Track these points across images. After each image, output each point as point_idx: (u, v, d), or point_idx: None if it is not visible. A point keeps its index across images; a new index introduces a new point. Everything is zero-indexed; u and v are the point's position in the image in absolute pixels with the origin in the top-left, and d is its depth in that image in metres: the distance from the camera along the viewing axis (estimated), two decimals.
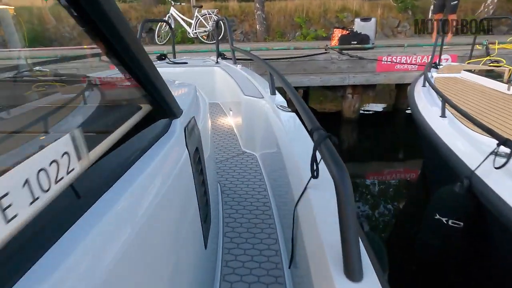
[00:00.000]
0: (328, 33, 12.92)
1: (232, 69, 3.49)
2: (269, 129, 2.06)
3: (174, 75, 3.73)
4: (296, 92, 1.56)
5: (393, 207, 4.13)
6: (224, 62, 3.96)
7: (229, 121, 3.05)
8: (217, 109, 3.51)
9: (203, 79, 3.70)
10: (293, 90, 1.53)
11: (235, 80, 2.98)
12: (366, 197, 4.34)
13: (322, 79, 5.58)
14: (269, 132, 2.06)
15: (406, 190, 4.58)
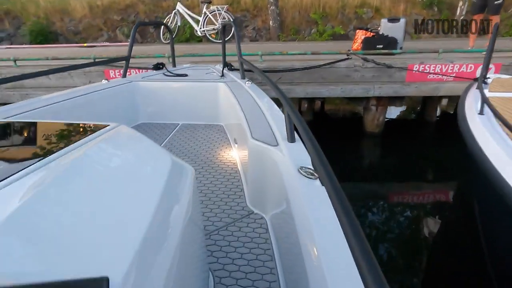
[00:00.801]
0: (346, 30, 12.16)
1: (239, 87, 2.89)
2: (282, 193, 1.49)
3: (172, 91, 3.15)
4: (314, 139, 1.13)
5: (423, 232, 3.56)
6: (230, 75, 3.36)
7: (232, 156, 2.46)
8: (220, 133, 2.93)
9: (204, 96, 3.12)
10: (311, 136, 1.11)
11: (241, 107, 2.39)
12: (390, 220, 3.78)
13: (343, 90, 4.92)
14: (284, 198, 1.48)
15: (437, 213, 3.98)
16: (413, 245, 3.45)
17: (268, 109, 2.17)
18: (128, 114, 3.09)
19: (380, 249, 3.30)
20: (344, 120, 6.32)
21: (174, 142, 2.74)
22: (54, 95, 2.54)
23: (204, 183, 2.10)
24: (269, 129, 1.83)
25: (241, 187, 2.04)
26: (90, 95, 2.67)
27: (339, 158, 5.11)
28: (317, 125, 5.93)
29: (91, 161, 0.84)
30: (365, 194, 4.39)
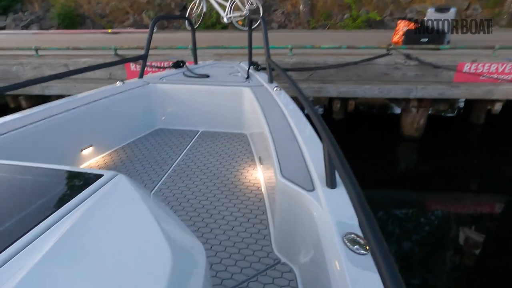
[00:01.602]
0: (382, 15, 11.37)
1: (266, 94, 2.57)
2: (319, 255, 1.21)
3: (192, 94, 2.87)
4: (360, 192, 0.92)
5: (462, 247, 3.21)
6: (257, 76, 3.03)
7: (257, 178, 2.18)
8: (243, 145, 2.65)
9: (227, 101, 2.83)
10: (357, 189, 0.93)
11: (267, 123, 2.08)
12: (424, 231, 3.45)
13: (381, 90, 4.48)
14: (321, 262, 1.20)
15: (480, 228, 3.59)
16: (449, 259, 3.10)
17: (300, 130, 1.85)
18: (144, 119, 2.86)
19: (413, 261, 3.02)
20: (380, 121, 5.85)
21: (193, 153, 2.50)
22: (70, 100, 2.35)
23: (223, 208, 1.85)
24: (302, 162, 1.52)
25: (266, 223, 1.76)
26: (106, 100, 2.46)
27: (373, 162, 4.72)
28: (349, 126, 5.53)
29: (85, 235, 0.76)
30: (398, 202, 4.04)
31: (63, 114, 2.16)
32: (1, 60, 5.25)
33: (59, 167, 0.99)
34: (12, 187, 0.91)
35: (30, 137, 1.96)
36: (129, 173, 2.20)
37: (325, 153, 1.28)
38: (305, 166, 1.48)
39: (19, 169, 1.00)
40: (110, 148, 2.54)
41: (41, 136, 2.02)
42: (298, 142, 1.72)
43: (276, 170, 1.49)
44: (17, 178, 0.96)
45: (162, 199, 1.95)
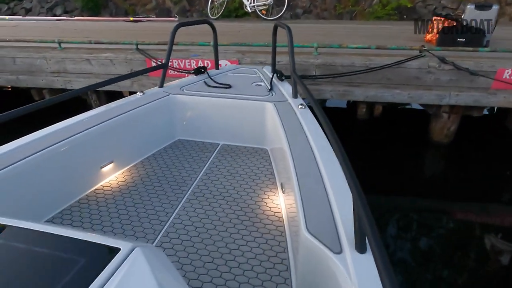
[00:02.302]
0: (413, 2, 10.78)
1: (289, 112, 2.48)
2: None
3: (213, 106, 2.80)
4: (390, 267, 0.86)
5: (487, 258, 3.10)
6: (280, 89, 2.93)
7: (278, 206, 2.12)
8: (264, 161, 2.58)
9: (249, 115, 2.75)
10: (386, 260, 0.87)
11: (290, 147, 2.01)
12: (449, 242, 3.36)
13: (411, 96, 4.26)
14: None
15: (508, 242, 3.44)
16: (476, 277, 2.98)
17: (326, 167, 1.76)
18: (164, 131, 2.84)
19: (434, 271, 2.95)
20: (406, 124, 5.61)
21: (213, 172, 2.46)
22: (90, 115, 2.34)
23: (243, 242, 1.80)
24: (328, 213, 1.44)
25: (287, 263, 1.71)
26: (126, 115, 2.44)
27: (398, 167, 4.56)
28: (373, 128, 5.34)
29: None
30: (423, 210, 3.90)
31: (83, 132, 2.15)
32: (25, 53, 5.33)
33: (70, 234, 0.95)
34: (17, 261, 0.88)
35: (51, 159, 1.96)
36: (149, 195, 2.19)
37: (355, 214, 1.19)
38: (332, 218, 1.40)
39: (29, 235, 0.97)
40: (130, 162, 2.54)
41: (61, 157, 2.02)
42: (324, 183, 1.63)
43: (300, 221, 1.42)
44: (21, 249, 0.93)
45: (181, 227, 1.93)
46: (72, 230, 0.97)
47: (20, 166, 1.80)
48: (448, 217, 3.86)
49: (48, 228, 0.98)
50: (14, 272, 0.86)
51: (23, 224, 1.00)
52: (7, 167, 1.75)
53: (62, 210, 2.05)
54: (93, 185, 2.26)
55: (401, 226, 3.72)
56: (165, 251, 1.75)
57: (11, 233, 0.99)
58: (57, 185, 2.02)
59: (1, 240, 0.96)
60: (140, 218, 1.99)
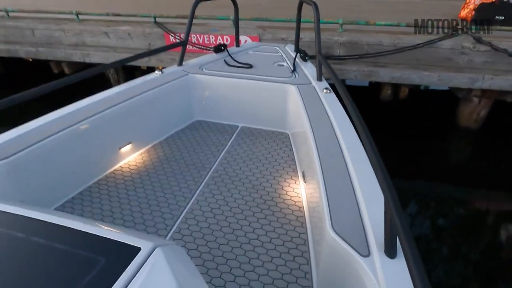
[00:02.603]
0: None
1: (313, 96, 2.36)
2: None
3: (233, 87, 2.71)
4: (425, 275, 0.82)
5: None
6: (304, 70, 2.79)
7: (299, 195, 2.06)
8: (284, 146, 2.51)
9: (270, 98, 2.65)
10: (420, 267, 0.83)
11: (313, 134, 1.92)
12: (472, 230, 3.28)
13: (441, 78, 4.03)
14: None
15: None
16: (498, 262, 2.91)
17: (353, 160, 1.67)
18: (183, 111, 2.78)
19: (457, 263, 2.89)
20: (432, 107, 5.36)
21: (232, 156, 2.40)
22: (109, 95, 2.29)
23: (263, 232, 1.77)
24: (355, 211, 1.37)
25: (307, 256, 1.67)
26: (145, 95, 2.38)
27: (421, 152, 4.40)
28: (398, 112, 5.13)
29: None
30: (446, 197, 3.79)
31: (102, 113, 2.12)
32: (44, 25, 5.29)
33: (89, 229, 0.92)
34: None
35: (69, 140, 1.94)
36: (168, 179, 2.17)
37: (386, 215, 1.12)
38: (360, 217, 1.33)
39: (46, 228, 0.95)
40: (148, 143, 2.51)
41: (80, 138, 2.00)
42: (351, 177, 1.55)
43: (325, 217, 1.36)
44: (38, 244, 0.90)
45: (199, 214, 1.90)
46: (90, 225, 0.94)
47: (38, 148, 1.79)
48: (473, 207, 3.73)
49: (65, 221, 0.95)
50: (32, 268, 0.84)
51: (39, 215, 0.97)
52: (24, 150, 1.74)
53: (82, 191, 2.05)
54: (112, 166, 2.25)
55: (422, 215, 3.63)
56: (183, 238, 1.74)
57: (29, 224, 0.96)
58: (76, 167, 2.01)
59: (20, 233, 0.93)
60: (158, 203, 1.97)
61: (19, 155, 1.73)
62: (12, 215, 1.00)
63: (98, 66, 2.20)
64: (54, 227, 0.95)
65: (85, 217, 1.87)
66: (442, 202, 3.78)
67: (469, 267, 3.06)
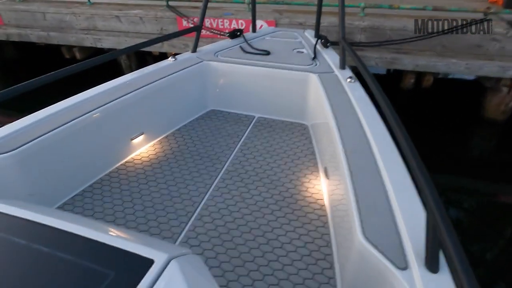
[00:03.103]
0: None
1: (336, 85, 2.21)
2: None
3: (249, 76, 2.57)
4: None
5: None
6: (325, 57, 2.63)
7: (320, 192, 1.95)
8: (304, 139, 2.38)
9: (289, 87, 2.51)
10: None
11: (337, 126, 1.79)
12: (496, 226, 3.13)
13: (469, 66, 3.80)
14: None
15: None
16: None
17: (384, 157, 1.53)
18: (197, 100, 2.66)
19: None
20: (457, 97, 5.10)
21: (248, 148, 2.29)
22: (121, 82, 2.19)
23: (282, 232, 1.66)
24: (389, 215, 1.25)
25: (331, 260, 1.56)
26: (158, 83, 2.27)
27: (444, 145, 4.21)
28: (421, 101, 4.89)
29: None
30: (468, 191, 3.63)
31: (113, 103, 2.02)
32: (54, 8, 5.20)
33: (99, 237, 0.82)
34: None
35: (79, 131, 1.86)
36: (181, 172, 2.07)
37: (429, 225, 0.99)
38: (394, 224, 1.21)
39: (54, 235, 0.85)
40: (161, 134, 2.41)
41: (90, 129, 1.91)
42: (382, 176, 1.42)
43: (355, 221, 1.24)
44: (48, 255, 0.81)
45: (215, 211, 1.80)
46: (99, 231, 0.84)
47: (46, 139, 1.71)
48: (497, 202, 3.56)
49: (71, 226, 0.85)
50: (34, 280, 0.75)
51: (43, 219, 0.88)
52: (31, 141, 1.66)
53: (92, 183, 1.98)
54: (123, 158, 2.16)
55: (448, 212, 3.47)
56: (198, 237, 1.65)
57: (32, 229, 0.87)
58: (86, 159, 1.93)
59: (22, 239, 0.84)
60: (172, 198, 1.88)
61: (27, 146, 1.65)
62: (15, 218, 0.91)
63: (109, 53, 2.09)
64: (59, 233, 0.86)
65: (96, 212, 1.79)
66: (464, 196, 3.62)
67: (494, 261, 2.92)
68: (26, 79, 1.66)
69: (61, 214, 1.02)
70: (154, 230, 1.69)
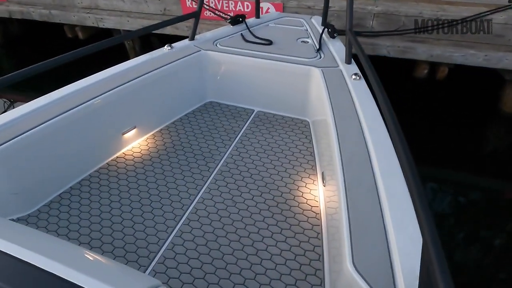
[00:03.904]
0: None
1: (340, 83, 2.08)
2: None
3: (250, 67, 2.44)
4: None
5: None
6: (331, 49, 2.47)
7: (316, 195, 1.86)
8: (304, 137, 2.28)
9: (291, 81, 2.38)
10: None
11: (336, 130, 1.68)
12: None
13: (488, 58, 3.57)
14: None
15: None
16: None
17: (382, 168, 1.42)
18: (194, 92, 2.56)
19: None
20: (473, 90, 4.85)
21: (244, 146, 2.20)
22: (113, 73, 2.09)
23: (272, 242, 1.58)
24: (383, 242, 1.15)
25: (321, 275, 1.49)
26: (152, 74, 2.17)
27: (457, 140, 4.03)
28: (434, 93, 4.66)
29: None
30: (482, 190, 3.50)
31: (103, 95, 1.93)
32: None
33: (52, 268, 0.73)
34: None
35: (67, 126, 1.79)
36: (173, 171, 2.00)
37: (423, 259, 0.90)
38: (387, 251, 1.11)
39: None
40: (155, 127, 2.33)
41: (79, 123, 1.84)
42: (380, 195, 1.32)
43: (344, 245, 1.15)
44: None
45: (205, 215, 1.74)
46: (53, 259, 0.75)
47: (32, 135, 1.64)
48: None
49: (13, 249, 0.76)
50: None
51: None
52: (15, 138, 1.60)
53: (81, 180, 1.92)
54: (114, 153, 2.10)
55: (455, 210, 3.36)
56: (185, 244, 1.59)
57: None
58: (74, 154, 1.87)
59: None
60: (161, 199, 1.82)
61: (10, 143, 1.59)
62: None
63: (109, 39, 2.01)
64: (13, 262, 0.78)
65: (82, 212, 1.74)
66: (477, 196, 3.48)
67: None
68: (31, 56, 1.62)
69: (13, 228, 0.95)
70: (139, 235, 1.63)
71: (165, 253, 1.55)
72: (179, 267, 1.49)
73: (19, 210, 1.71)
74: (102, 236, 1.63)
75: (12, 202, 1.67)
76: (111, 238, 1.62)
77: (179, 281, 1.44)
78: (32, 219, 1.69)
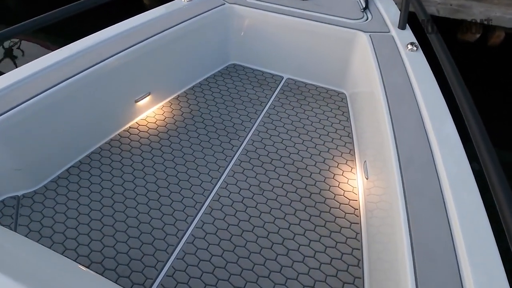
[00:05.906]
0: None
1: (392, 52, 1.78)
2: None
3: (284, 27, 2.14)
4: None
5: None
6: (380, 10, 2.12)
7: (355, 185, 1.67)
8: (340, 113, 2.03)
9: (331, 45, 2.07)
10: None
11: (391, 119, 1.44)
12: None
13: None
14: None
15: None
16: None
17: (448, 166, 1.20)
18: (216, 52, 2.28)
19: None
20: None
21: (274, 115, 1.98)
22: (123, 29, 1.83)
23: (301, 231, 1.43)
24: (453, 265, 0.97)
25: (360, 284, 1.35)
26: (169, 33, 1.90)
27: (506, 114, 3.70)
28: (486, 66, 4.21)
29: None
30: None
31: (114, 57, 1.69)
32: None
33: None
34: None
35: (74, 92, 1.58)
36: (192, 147, 1.80)
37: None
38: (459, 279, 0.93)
39: None
40: (172, 93, 2.10)
41: (87, 89, 1.63)
42: (445, 200, 1.11)
43: (406, 268, 0.97)
44: None
45: (229, 204, 1.57)
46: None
47: (35, 103, 1.45)
48: None
49: None
50: None
51: None
52: (16, 107, 1.40)
53: (90, 153, 1.75)
54: (126, 123, 1.90)
55: None
56: (206, 237, 1.44)
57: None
58: (83, 125, 1.68)
59: None
60: (179, 181, 1.65)
61: (11, 113, 1.40)
62: None
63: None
64: None
65: (93, 192, 1.59)
66: None
67: None
68: None
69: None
70: (155, 223, 1.49)
71: (184, 247, 1.41)
72: (200, 265, 1.36)
73: (24, 186, 1.57)
74: (114, 213, 1.49)
75: (14, 179, 1.52)
76: (124, 215, 1.48)
77: (199, 281, 1.31)
78: (38, 197, 1.55)
